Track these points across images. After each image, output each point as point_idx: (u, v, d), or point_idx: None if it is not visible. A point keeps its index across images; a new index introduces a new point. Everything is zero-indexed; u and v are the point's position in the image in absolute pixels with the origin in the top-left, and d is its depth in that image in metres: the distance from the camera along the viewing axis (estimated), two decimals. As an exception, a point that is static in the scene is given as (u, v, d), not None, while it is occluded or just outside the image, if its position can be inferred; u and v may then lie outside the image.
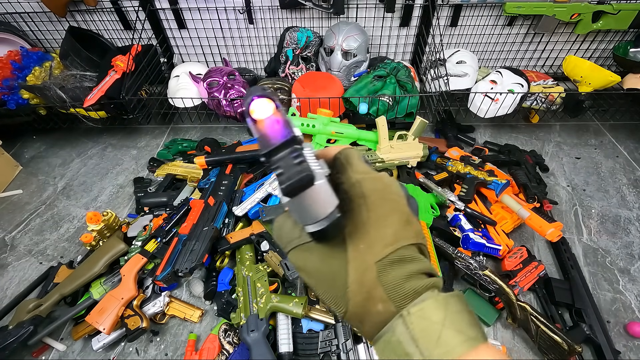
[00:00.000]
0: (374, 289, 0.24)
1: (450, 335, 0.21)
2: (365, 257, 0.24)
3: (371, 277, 0.24)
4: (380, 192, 0.26)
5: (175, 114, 1.45)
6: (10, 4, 1.33)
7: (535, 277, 0.88)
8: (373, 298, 0.24)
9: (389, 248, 0.24)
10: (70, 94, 1.19)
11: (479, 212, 1.00)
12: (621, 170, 1.24)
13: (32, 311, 0.82)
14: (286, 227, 0.27)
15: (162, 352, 0.82)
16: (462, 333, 0.21)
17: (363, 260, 0.24)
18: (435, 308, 0.22)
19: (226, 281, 0.88)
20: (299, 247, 0.26)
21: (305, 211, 0.22)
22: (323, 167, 0.23)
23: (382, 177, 0.27)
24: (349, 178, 0.26)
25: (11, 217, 1.15)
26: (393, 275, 0.24)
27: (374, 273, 0.24)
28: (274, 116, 0.22)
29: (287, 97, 1.27)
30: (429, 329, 0.21)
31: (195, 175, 1.15)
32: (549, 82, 1.33)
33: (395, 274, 0.24)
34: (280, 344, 0.77)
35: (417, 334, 0.21)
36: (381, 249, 0.24)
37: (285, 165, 0.21)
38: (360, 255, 0.24)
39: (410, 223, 0.26)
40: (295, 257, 0.27)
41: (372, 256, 0.24)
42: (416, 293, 0.23)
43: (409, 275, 0.24)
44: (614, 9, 1.25)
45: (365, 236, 0.25)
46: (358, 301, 0.24)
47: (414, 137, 1.16)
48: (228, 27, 1.41)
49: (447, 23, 1.39)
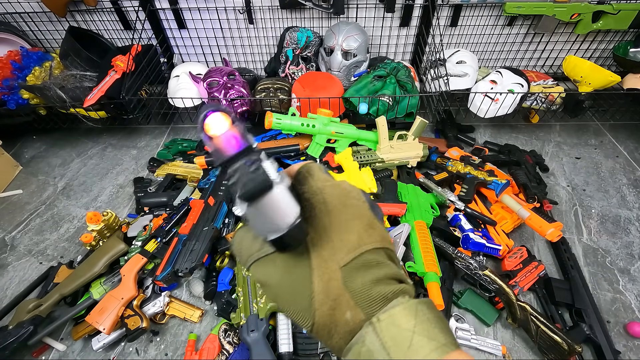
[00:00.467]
0: (340, 297, 0.23)
1: (422, 342, 0.21)
2: (329, 264, 0.23)
3: (337, 284, 0.23)
4: (341, 197, 0.25)
5: (175, 114, 1.45)
6: (10, 4, 1.33)
7: (535, 277, 0.88)
8: (340, 306, 0.23)
9: (352, 253, 0.24)
10: (70, 94, 1.19)
11: (479, 212, 1.00)
12: (621, 170, 1.24)
13: (32, 311, 0.82)
14: (246, 240, 0.26)
15: (162, 352, 0.82)
16: (433, 340, 0.21)
17: (327, 267, 0.23)
18: (406, 315, 0.22)
19: (226, 281, 0.88)
20: (260, 260, 0.25)
21: (266, 220, 0.22)
22: (283, 178, 0.22)
23: (342, 184, 0.27)
24: (310, 187, 0.25)
25: (11, 217, 1.15)
26: (359, 281, 0.23)
27: (340, 280, 0.23)
28: (230, 131, 0.21)
29: (287, 97, 1.27)
30: (400, 336, 0.21)
31: (195, 175, 1.15)
32: (549, 82, 1.33)
33: (362, 280, 0.23)
34: (280, 344, 0.77)
35: (388, 341, 0.21)
36: (345, 254, 0.24)
37: (242, 173, 0.21)
38: (324, 262, 0.24)
39: (374, 227, 0.25)
40: (256, 271, 0.26)
41: (336, 263, 0.23)
42: (385, 299, 0.23)
43: (377, 281, 0.23)
44: (614, 9, 1.25)
45: (328, 243, 0.24)
46: (325, 311, 0.23)
47: (414, 137, 1.16)
48: (228, 27, 1.41)
49: (447, 23, 1.39)
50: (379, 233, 0.25)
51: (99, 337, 0.81)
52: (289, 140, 1.19)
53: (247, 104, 1.24)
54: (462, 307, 0.87)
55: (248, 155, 0.21)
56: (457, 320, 0.84)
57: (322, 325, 0.23)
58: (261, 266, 0.25)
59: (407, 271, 0.86)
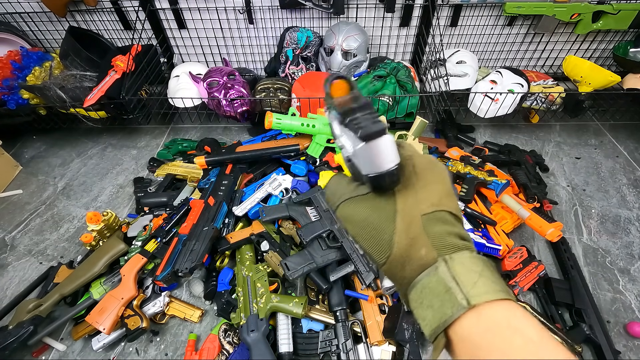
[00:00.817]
0: (418, 236, 0.27)
1: (486, 283, 0.24)
2: (413, 211, 0.28)
3: (417, 226, 0.27)
4: (429, 164, 0.30)
5: (175, 114, 1.45)
6: (10, 4, 1.33)
7: (535, 277, 0.88)
8: (417, 244, 0.26)
9: (434, 207, 0.28)
10: (70, 94, 1.19)
11: (479, 212, 1.00)
12: (621, 170, 1.24)
13: (32, 311, 0.82)
14: (342, 183, 0.32)
15: (162, 352, 0.82)
16: (496, 284, 0.24)
17: (410, 212, 0.27)
18: (475, 261, 0.25)
19: (226, 281, 0.88)
20: (350, 199, 0.30)
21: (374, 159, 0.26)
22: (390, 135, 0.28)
23: (430, 156, 0.31)
24: (401, 154, 0.29)
25: (11, 217, 1.15)
26: (436, 229, 0.27)
27: (419, 224, 0.27)
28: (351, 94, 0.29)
29: (287, 97, 1.27)
30: (468, 274, 0.24)
31: (195, 175, 1.15)
32: (549, 82, 1.33)
33: (438, 229, 0.27)
34: (280, 344, 0.77)
35: (458, 274, 0.24)
36: (427, 206, 0.28)
37: (364, 118, 0.26)
38: (408, 208, 0.28)
39: (452, 197, 0.29)
40: (345, 208, 0.30)
41: (419, 210, 0.27)
42: (456, 247, 0.26)
43: (449, 233, 0.27)
44: (614, 9, 1.25)
45: (414, 195, 0.28)
46: (403, 245, 0.27)
47: (414, 137, 1.16)
48: (228, 27, 1.41)
49: (447, 23, 1.39)
50: (455, 202, 0.29)
51: (99, 337, 0.81)
52: (289, 140, 1.19)
53: (247, 104, 1.24)
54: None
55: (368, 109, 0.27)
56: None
57: (398, 257, 0.27)
58: (352, 204, 0.30)
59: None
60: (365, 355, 0.76)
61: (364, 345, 0.77)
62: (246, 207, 0.99)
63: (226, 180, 1.05)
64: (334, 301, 0.81)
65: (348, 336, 0.77)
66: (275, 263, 0.86)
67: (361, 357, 0.76)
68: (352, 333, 0.78)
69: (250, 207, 0.99)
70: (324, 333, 0.79)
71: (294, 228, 0.96)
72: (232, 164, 1.11)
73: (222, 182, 1.04)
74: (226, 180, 1.05)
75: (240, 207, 0.99)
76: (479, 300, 0.23)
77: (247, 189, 1.07)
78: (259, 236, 0.93)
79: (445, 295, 0.24)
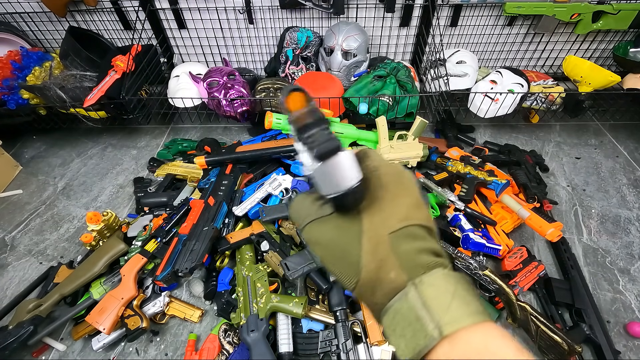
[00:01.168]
0: (387, 258, 0.25)
1: (460, 305, 0.22)
2: (379, 230, 0.26)
3: (385, 247, 0.25)
4: (396, 176, 0.28)
5: (175, 114, 1.45)
6: (10, 4, 1.33)
7: (535, 277, 0.88)
8: (385, 266, 0.25)
9: (401, 223, 0.26)
10: (70, 94, 1.19)
11: (479, 212, 1.00)
12: (621, 170, 1.24)
13: (32, 311, 0.82)
14: (305, 204, 0.30)
15: (162, 352, 0.82)
16: (470, 306, 0.22)
17: (377, 231, 0.26)
18: (447, 281, 0.24)
19: (226, 281, 0.88)
20: (316, 221, 0.28)
21: (333, 178, 0.25)
22: None
23: (398, 166, 0.30)
24: (367, 165, 0.28)
25: (11, 217, 1.15)
26: (405, 248, 0.25)
27: (388, 243, 0.25)
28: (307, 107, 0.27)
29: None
30: (440, 297, 0.23)
31: (195, 175, 1.15)
32: (549, 82, 1.33)
33: (408, 247, 0.25)
34: (280, 344, 0.77)
35: (429, 300, 0.23)
36: (395, 222, 0.26)
37: (319, 135, 0.25)
38: (375, 227, 0.26)
39: (421, 207, 0.28)
40: (311, 230, 0.28)
41: (386, 229, 0.26)
42: (427, 267, 0.25)
43: (420, 250, 0.26)
44: (614, 9, 1.25)
45: (380, 212, 0.27)
46: (371, 269, 0.25)
47: (414, 137, 1.16)
48: (228, 27, 1.41)
49: (447, 23, 1.39)
50: (424, 213, 0.28)
51: (99, 337, 0.81)
52: (289, 140, 1.19)
53: (247, 104, 1.24)
54: (462, 307, 0.87)
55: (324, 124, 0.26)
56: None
57: (367, 281, 0.25)
58: (316, 226, 0.28)
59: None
60: (365, 355, 0.76)
61: (364, 345, 0.77)
62: (246, 207, 0.99)
63: (226, 180, 1.05)
64: (334, 301, 0.81)
65: (348, 336, 0.77)
66: (275, 263, 0.86)
67: (361, 357, 0.76)
68: (352, 333, 0.78)
69: (250, 207, 0.99)
70: (324, 333, 0.79)
71: (294, 228, 0.96)
72: (232, 164, 1.11)
73: (222, 182, 1.04)
74: (226, 180, 1.05)
75: (240, 207, 0.99)
76: (452, 329, 0.21)
77: (247, 189, 1.07)
78: (259, 236, 0.93)
79: (416, 324, 0.22)
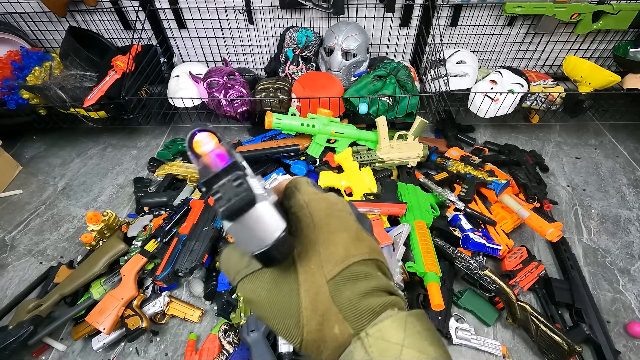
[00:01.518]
0: (328, 311, 0.22)
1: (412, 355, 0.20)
2: (316, 278, 0.23)
3: (324, 298, 0.22)
4: (327, 210, 0.25)
5: (175, 114, 1.45)
6: (10, 4, 1.33)
7: (535, 277, 0.88)
8: (328, 321, 0.22)
9: (339, 265, 0.23)
10: (70, 94, 1.19)
11: (479, 212, 1.00)
12: (621, 170, 1.24)
13: (32, 311, 0.82)
14: (233, 258, 0.26)
15: (162, 352, 0.82)
16: (423, 353, 0.20)
17: (314, 281, 0.23)
18: (395, 328, 0.21)
19: (226, 281, 0.88)
20: (247, 277, 0.25)
21: (250, 236, 0.21)
22: (270, 193, 0.22)
23: (328, 197, 0.26)
24: (297, 201, 0.25)
25: (11, 217, 1.15)
26: (347, 294, 0.23)
27: (327, 293, 0.22)
28: (217, 149, 0.22)
29: (287, 97, 1.27)
30: (389, 351, 0.20)
31: (195, 175, 1.15)
32: (549, 82, 1.33)
33: (350, 293, 0.23)
34: (280, 343, 0.77)
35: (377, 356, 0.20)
36: (332, 267, 0.23)
37: (225, 190, 0.20)
38: (311, 276, 0.23)
39: (361, 239, 0.25)
40: (244, 288, 0.25)
41: (323, 276, 0.23)
42: (373, 312, 0.22)
43: (365, 293, 0.23)
44: (614, 9, 1.25)
45: (315, 256, 0.24)
46: (313, 326, 0.22)
47: (414, 137, 1.16)
48: (228, 27, 1.41)
49: (447, 23, 1.39)
50: (366, 244, 0.25)
51: (99, 337, 0.81)
52: (289, 140, 1.19)
53: (247, 104, 1.24)
54: (462, 307, 0.87)
55: (233, 172, 0.21)
56: (457, 320, 0.84)
57: (311, 341, 0.22)
58: (249, 283, 0.25)
59: (407, 271, 0.86)
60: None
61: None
62: (246, 207, 0.99)
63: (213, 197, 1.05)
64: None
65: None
66: (275, 263, 0.86)
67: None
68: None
69: (250, 207, 0.99)
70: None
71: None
72: (232, 164, 1.11)
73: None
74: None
75: (240, 207, 0.99)
76: None
77: (247, 189, 1.07)
78: (259, 236, 0.92)
79: None
